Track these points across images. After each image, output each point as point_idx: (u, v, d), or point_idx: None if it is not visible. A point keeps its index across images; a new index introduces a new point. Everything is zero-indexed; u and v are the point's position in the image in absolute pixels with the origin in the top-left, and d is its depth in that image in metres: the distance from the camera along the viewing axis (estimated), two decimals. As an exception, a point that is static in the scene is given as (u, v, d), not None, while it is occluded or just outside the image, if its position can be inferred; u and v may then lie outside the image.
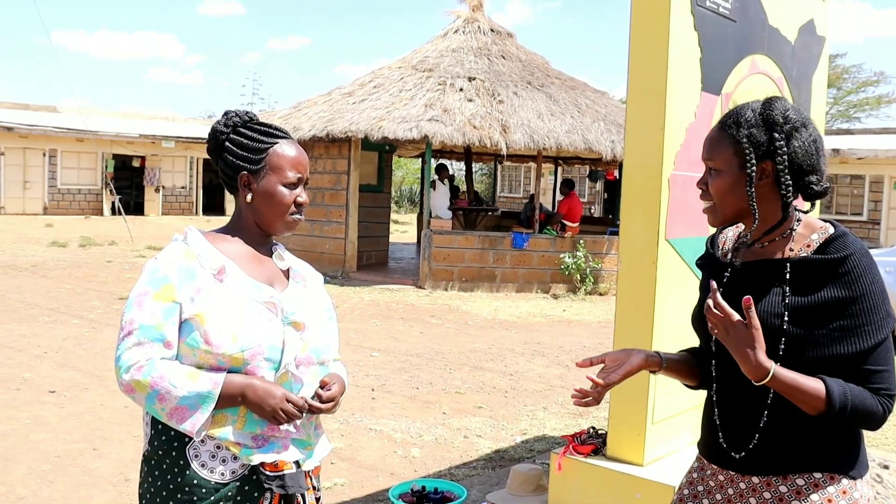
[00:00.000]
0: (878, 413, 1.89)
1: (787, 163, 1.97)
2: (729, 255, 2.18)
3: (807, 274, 1.95)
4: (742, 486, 2.05)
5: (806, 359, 1.91)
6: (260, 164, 2.18)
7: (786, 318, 1.93)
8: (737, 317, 1.84)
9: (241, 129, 2.21)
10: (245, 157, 2.18)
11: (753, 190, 1.98)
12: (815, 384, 1.86)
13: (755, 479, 2.02)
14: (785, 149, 1.97)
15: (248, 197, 2.19)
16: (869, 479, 2.03)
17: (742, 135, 1.99)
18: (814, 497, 1.94)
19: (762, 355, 1.85)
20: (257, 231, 2.24)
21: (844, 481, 1.96)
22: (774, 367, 1.85)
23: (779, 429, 1.98)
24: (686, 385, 2.31)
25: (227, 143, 2.21)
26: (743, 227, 2.17)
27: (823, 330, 1.90)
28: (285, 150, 2.20)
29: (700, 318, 2.14)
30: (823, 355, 1.90)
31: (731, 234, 2.25)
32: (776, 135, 1.97)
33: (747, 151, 1.98)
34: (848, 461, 1.98)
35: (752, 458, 2.02)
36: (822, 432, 1.95)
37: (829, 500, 1.94)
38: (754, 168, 1.98)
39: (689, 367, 2.26)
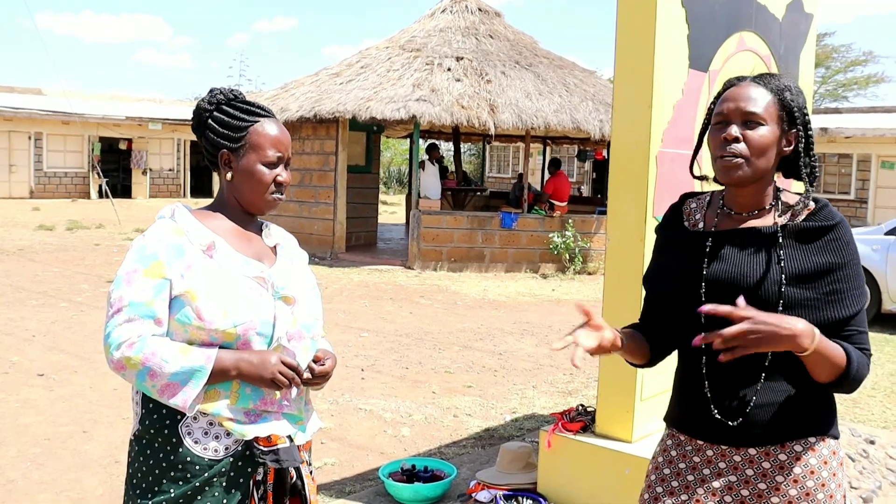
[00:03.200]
0: (867, 373, 1.95)
1: (812, 137, 2.04)
2: (701, 225, 2.15)
3: (799, 240, 1.99)
4: (737, 458, 2.03)
5: None
6: (240, 142, 2.17)
7: (783, 283, 1.95)
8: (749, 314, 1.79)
9: (224, 107, 2.20)
10: (225, 135, 2.17)
11: (801, 150, 2.03)
12: (839, 350, 1.90)
13: (752, 451, 2.01)
14: (810, 124, 2.05)
15: (229, 175, 2.19)
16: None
17: (788, 97, 2.01)
18: (812, 461, 1.98)
19: (800, 323, 1.81)
20: (239, 209, 2.23)
21: (832, 442, 2.02)
22: (817, 332, 1.84)
23: (772, 393, 1.99)
24: (632, 363, 2.27)
25: (209, 121, 2.20)
26: (709, 197, 2.18)
27: (816, 293, 1.94)
28: (266, 128, 2.19)
29: (680, 288, 2.09)
30: (815, 318, 1.91)
31: (693, 204, 2.21)
32: (805, 108, 2.04)
33: (797, 112, 2.01)
34: (830, 422, 2.04)
35: (748, 426, 2.00)
36: (812, 395, 1.99)
37: (825, 462, 1.99)
38: (800, 129, 2.03)
39: (638, 344, 2.21)
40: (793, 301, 1.94)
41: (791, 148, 2.03)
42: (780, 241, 1.99)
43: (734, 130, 2.00)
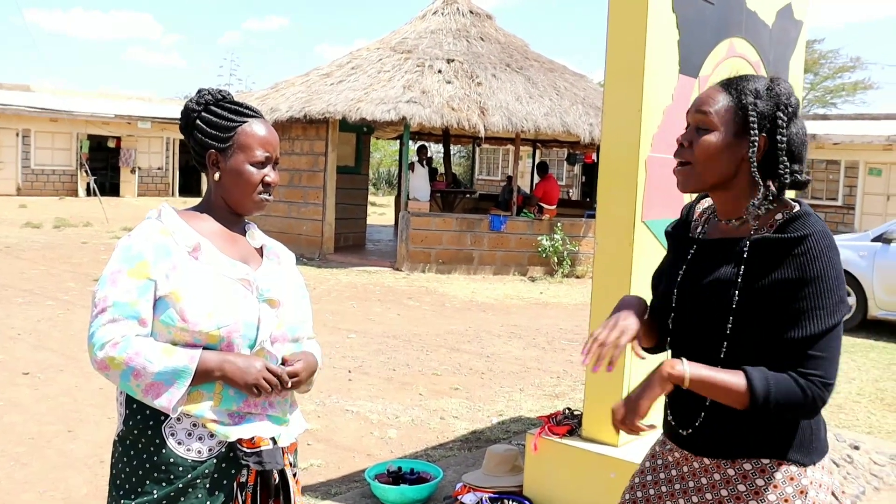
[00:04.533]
0: (802, 399, 1.81)
1: (786, 143, 1.91)
2: (698, 230, 2.14)
3: (764, 253, 1.90)
4: (695, 465, 2.05)
5: (754, 340, 1.89)
6: (228, 142, 2.16)
7: (735, 298, 1.90)
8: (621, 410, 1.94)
9: (213, 108, 2.19)
10: (213, 136, 2.17)
11: (756, 158, 1.92)
12: (734, 379, 1.84)
13: (706, 461, 2.02)
14: (785, 129, 1.92)
15: (217, 175, 2.18)
16: (823, 465, 1.98)
17: (749, 101, 1.93)
18: (759, 482, 1.93)
19: (665, 373, 1.89)
20: (227, 210, 2.23)
21: (792, 468, 1.93)
22: (688, 371, 1.87)
23: (723, 408, 1.93)
24: (643, 347, 2.20)
25: (197, 122, 2.19)
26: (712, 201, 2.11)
27: (774, 311, 1.86)
28: (254, 128, 2.18)
29: (662, 292, 2.13)
30: (770, 337, 1.87)
31: (706, 204, 2.20)
32: (781, 112, 1.92)
33: (752, 117, 1.91)
34: (797, 448, 1.94)
35: (699, 437, 2.01)
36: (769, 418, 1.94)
37: (775, 487, 1.92)
38: (757, 136, 1.91)
39: (654, 324, 2.19)
40: (745, 317, 1.89)
41: (762, 153, 1.94)
42: (745, 254, 1.93)
43: (688, 136, 2.01)
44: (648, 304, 2.15)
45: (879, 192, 22.55)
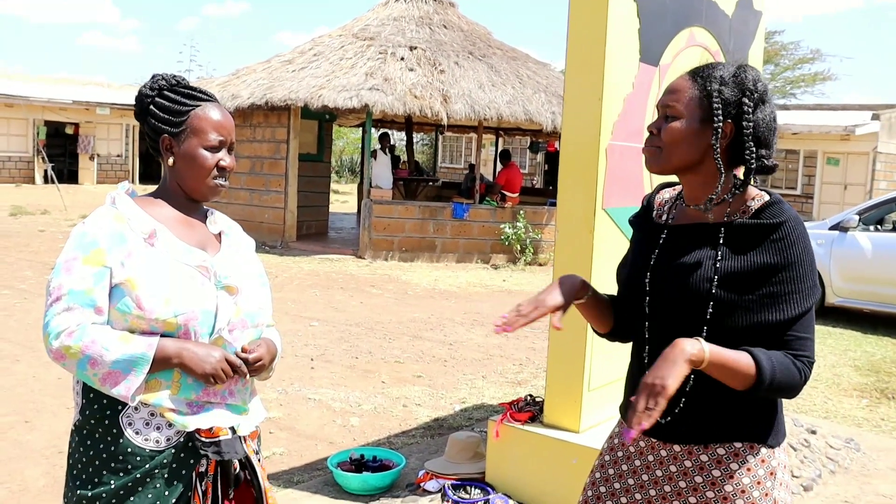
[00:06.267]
0: (799, 381, 1.89)
1: (752, 128, 1.94)
2: (664, 217, 2.16)
3: (740, 238, 1.94)
4: (663, 453, 2.05)
5: (733, 325, 1.91)
6: (181, 126, 2.14)
7: (715, 283, 1.92)
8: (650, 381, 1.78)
9: (166, 93, 2.17)
10: (167, 120, 2.14)
11: (720, 143, 1.95)
12: (744, 359, 1.85)
13: (676, 448, 2.03)
14: (751, 115, 1.94)
15: (171, 161, 2.16)
16: (785, 447, 2.05)
17: (713, 88, 1.95)
18: (733, 466, 1.96)
19: (688, 353, 1.81)
20: (183, 196, 2.20)
21: (763, 450, 1.98)
22: (707, 350, 1.83)
23: (704, 394, 1.97)
24: (594, 330, 2.30)
25: (151, 107, 2.17)
26: (681, 187, 2.13)
27: (752, 296, 1.90)
28: (208, 112, 2.16)
29: (630, 276, 2.14)
30: (751, 321, 1.90)
31: (667, 195, 2.22)
32: (746, 99, 1.94)
33: (716, 105, 1.94)
34: (767, 431, 1.99)
35: (677, 424, 2.01)
36: (745, 401, 1.97)
37: (749, 469, 1.96)
38: (721, 122, 1.94)
39: (606, 310, 2.24)
40: (725, 302, 1.92)
41: (728, 139, 1.97)
42: (721, 238, 1.97)
43: (656, 124, 2.04)
44: (592, 285, 2.17)
45: (837, 181, 22.90)
